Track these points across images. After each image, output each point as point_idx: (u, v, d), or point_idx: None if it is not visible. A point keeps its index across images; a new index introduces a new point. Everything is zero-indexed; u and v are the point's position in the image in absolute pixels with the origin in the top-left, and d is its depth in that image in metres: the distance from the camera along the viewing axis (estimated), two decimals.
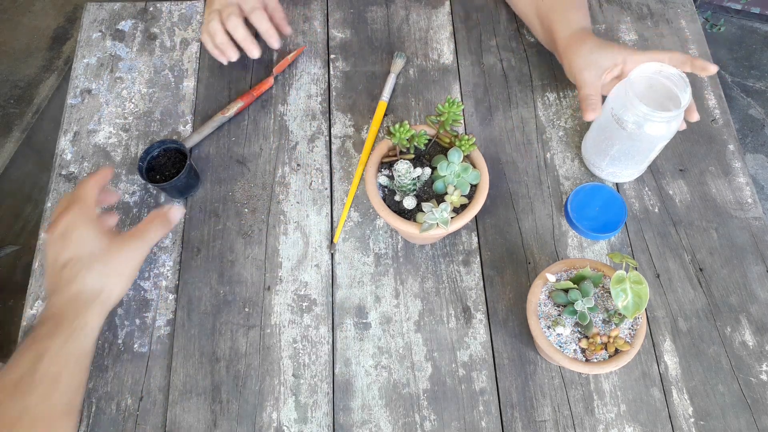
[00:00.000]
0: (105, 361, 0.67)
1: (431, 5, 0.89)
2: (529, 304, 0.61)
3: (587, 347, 0.59)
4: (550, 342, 0.59)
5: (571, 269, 0.63)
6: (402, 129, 0.62)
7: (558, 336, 0.60)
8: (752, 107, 1.80)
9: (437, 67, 0.84)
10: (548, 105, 0.81)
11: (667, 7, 0.89)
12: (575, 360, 0.59)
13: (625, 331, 0.60)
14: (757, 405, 0.65)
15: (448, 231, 0.61)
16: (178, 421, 0.64)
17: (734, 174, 0.77)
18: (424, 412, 0.65)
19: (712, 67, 0.69)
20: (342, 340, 0.68)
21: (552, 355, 0.59)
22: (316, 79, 0.84)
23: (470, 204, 0.63)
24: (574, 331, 0.60)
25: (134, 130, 0.80)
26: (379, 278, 0.71)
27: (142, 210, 0.75)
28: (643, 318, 0.60)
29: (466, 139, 0.63)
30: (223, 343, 0.68)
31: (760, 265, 0.72)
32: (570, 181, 0.76)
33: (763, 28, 1.91)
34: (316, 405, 0.65)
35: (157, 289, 0.71)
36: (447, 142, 0.65)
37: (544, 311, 0.61)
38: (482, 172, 0.64)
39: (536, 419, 0.64)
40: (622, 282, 0.57)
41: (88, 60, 0.85)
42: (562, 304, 0.61)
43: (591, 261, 0.63)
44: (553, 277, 0.61)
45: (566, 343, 0.60)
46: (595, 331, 0.59)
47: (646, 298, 0.56)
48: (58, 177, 0.77)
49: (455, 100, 0.62)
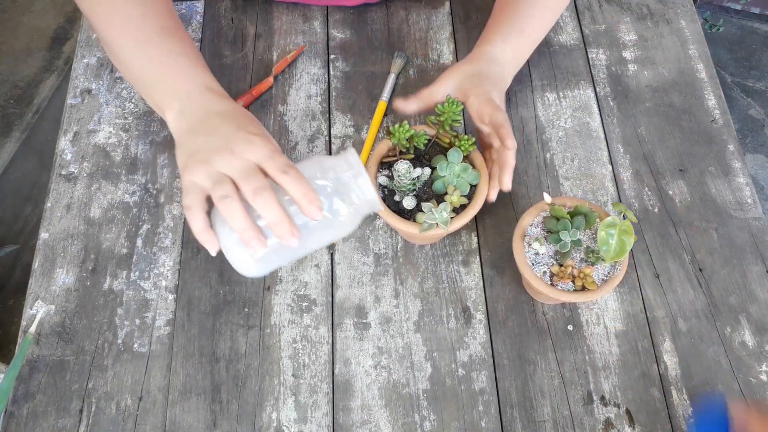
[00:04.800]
0: (105, 361, 0.67)
1: (431, 5, 0.89)
2: (521, 221, 0.64)
3: (557, 273, 0.62)
4: (525, 256, 0.63)
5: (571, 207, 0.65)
6: (401, 129, 0.62)
7: (535, 254, 0.63)
8: (752, 107, 1.80)
9: (437, 68, 0.84)
10: (548, 105, 0.81)
11: (667, 7, 0.89)
12: (539, 278, 0.62)
13: (599, 276, 0.62)
14: (756, 405, 0.65)
15: (448, 231, 0.61)
16: (178, 421, 0.64)
17: (734, 174, 0.77)
18: (424, 412, 0.65)
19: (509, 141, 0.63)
20: (342, 340, 0.68)
21: (522, 268, 0.62)
22: (316, 79, 0.84)
23: (470, 204, 0.63)
24: (550, 255, 0.63)
25: (134, 130, 0.80)
26: (378, 278, 0.71)
27: (142, 210, 0.75)
28: (621, 272, 0.62)
29: (466, 139, 0.63)
30: (222, 343, 0.68)
31: (760, 266, 0.72)
32: (570, 181, 0.76)
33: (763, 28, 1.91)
34: (316, 405, 0.65)
35: (157, 289, 0.71)
36: (447, 142, 0.65)
37: (534, 232, 0.65)
38: (482, 172, 0.64)
39: (536, 419, 0.64)
40: (612, 226, 0.59)
41: (88, 60, 0.85)
42: (551, 230, 0.63)
43: (592, 203, 0.65)
44: (549, 198, 0.63)
45: (539, 264, 0.63)
46: (569, 262, 0.62)
47: (628, 248, 0.59)
48: (58, 177, 0.77)
49: (455, 100, 0.62)
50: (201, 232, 0.52)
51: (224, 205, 0.50)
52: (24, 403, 0.65)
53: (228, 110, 0.58)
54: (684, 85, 0.83)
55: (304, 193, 0.51)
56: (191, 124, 0.57)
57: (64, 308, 0.69)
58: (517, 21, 0.73)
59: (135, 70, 0.64)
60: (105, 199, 0.75)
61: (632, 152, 0.78)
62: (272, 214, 0.50)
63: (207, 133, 0.55)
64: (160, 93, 0.61)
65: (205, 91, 0.60)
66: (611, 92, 0.82)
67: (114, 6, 0.63)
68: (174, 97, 0.60)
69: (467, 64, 0.70)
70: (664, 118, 0.81)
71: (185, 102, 0.59)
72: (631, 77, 0.83)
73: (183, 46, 0.63)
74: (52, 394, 0.66)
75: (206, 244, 0.53)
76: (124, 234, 0.73)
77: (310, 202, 0.51)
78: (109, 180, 0.77)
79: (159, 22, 0.64)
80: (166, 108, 0.60)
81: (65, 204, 0.75)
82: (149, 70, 0.62)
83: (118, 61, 0.66)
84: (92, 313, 0.69)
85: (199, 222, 0.52)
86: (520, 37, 0.73)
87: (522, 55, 0.74)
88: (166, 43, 0.63)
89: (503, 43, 0.72)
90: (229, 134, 0.54)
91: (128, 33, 0.63)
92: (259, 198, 0.50)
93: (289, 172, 0.52)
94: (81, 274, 0.71)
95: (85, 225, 0.74)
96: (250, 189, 0.51)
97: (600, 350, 0.67)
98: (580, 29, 0.87)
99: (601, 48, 0.86)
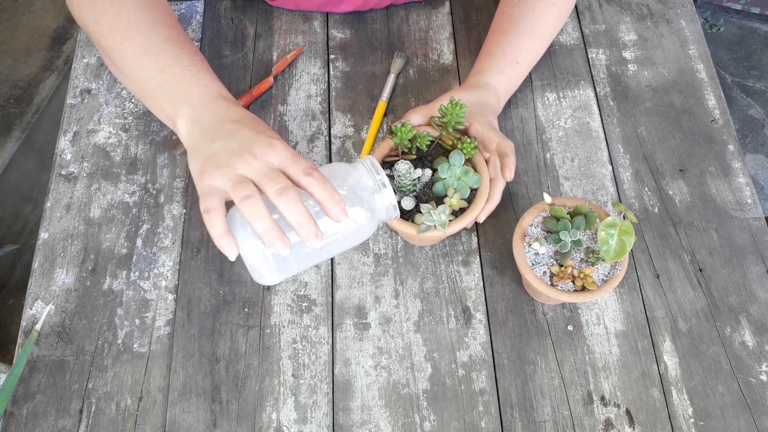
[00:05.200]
0: (105, 361, 0.67)
1: (431, 5, 0.89)
2: (521, 221, 0.64)
3: (557, 273, 0.62)
4: (525, 256, 0.63)
5: (571, 208, 0.65)
6: (404, 129, 0.61)
7: (535, 255, 0.63)
8: (752, 107, 1.80)
9: (437, 68, 0.84)
10: (548, 105, 0.81)
11: (667, 8, 0.89)
12: (539, 278, 0.62)
13: (599, 276, 0.62)
14: (756, 405, 0.65)
15: (446, 234, 0.61)
16: (178, 422, 0.64)
17: (734, 174, 0.77)
18: (424, 412, 0.65)
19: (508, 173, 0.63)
20: (341, 340, 0.68)
21: (522, 268, 0.63)
22: (315, 79, 0.83)
23: (469, 208, 0.62)
24: (550, 255, 0.63)
25: (134, 130, 0.80)
26: (378, 278, 0.71)
27: (142, 210, 0.75)
28: (621, 272, 0.62)
29: (468, 142, 0.63)
30: (222, 344, 0.68)
31: (760, 266, 0.72)
32: (570, 181, 0.76)
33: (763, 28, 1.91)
34: (316, 405, 0.65)
35: (156, 289, 0.71)
36: (450, 144, 0.65)
37: (534, 232, 0.65)
38: (483, 176, 0.64)
39: (536, 419, 0.64)
40: (612, 227, 0.59)
41: (88, 60, 0.85)
42: (551, 231, 0.63)
43: (592, 203, 0.65)
44: (549, 198, 0.63)
45: (539, 264, 0.63)
46: (569, 263, 0.62)
47: (628, 248, 0.58)
48: (58, 177, 0.77)
49: (458, 102, 0.62)
50: (221, 235, 0.50)
51: (247, 204, 0.49)
52: (24, 404, 0.65)
53: (243, 117, 0.57)
54: (684, 85, 0.83)
55: (330, 195, 0.50)
56: (206, 131, 0.56)
57: (63, 308, 0.69)
58: (512, 52, 0.75)
59: (141, 79, 0.63)
60: (105, 199, 0.75)
61: (632, 152, 0.78)
62: (297, 215, 0.49)
63: (224, 138, 0.54)
64: (170, 101, 0.60)
65: (219, 99, 0.59)
66: (611, 92, 0.82)
67: (121, 15, 0.63)
68: (186, 105, 0.58)
69: (468, 92, 0.71)
70: (664, 118, 0.81)
71: (199, 109, 0.58)
72: (631, 77, 0.83)
73: (192, 55, 0.63)
74: (52, 395, 0.66)
75: (225, 249, 0.51)
76: (124, 234, 0.73)
77: (336, 204, 0.50)
78: (109, 180, 0.77)
79: (166, 31, 0.64)
80: (177, 116, 0.59)
81: (65, 204, 0.75)
82: (158, 79, 0.61)
83: (121, 71, 0.65)
84: (92, 313, 0.69)
85: (219, 225, 0.50)
86: (515, 68, 0.75)
87: (516, 84, 0.77)
88: (176, 51, 0.62)
89: (499, 75, 0.74)
90: (249, 138, 0.53)
91: (136, 42, 0.62)
92: (283, 198, 0.49)
93: (313, 173, 0.51)
94: (81, 274, 0.71)
95: (85, 225, 0.74)
96: (273, 189, 0.49)
97: (600, 350, 0.67)
98: (580, 29, 0.87)
99: (601, 48, 0.86)
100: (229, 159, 0.52)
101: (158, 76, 0.61)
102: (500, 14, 0.78)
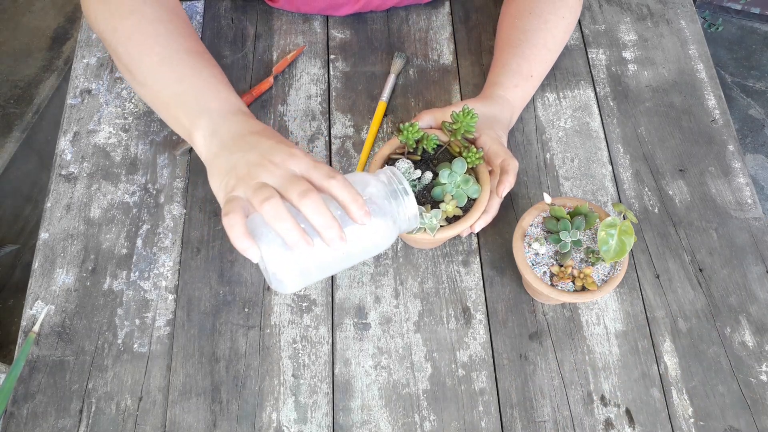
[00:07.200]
0: (105, 361, 0.67)
1: (431, 5, 0.89)
2: (521, 221, 0.64)
3: (557, 273, 0.62)
4: (525, 257, 0.63)
5: (571, 208, 0.65)
6: (411, 129, 0.61)
7: (535, 255, 0.63)
8: (752, 107, 1.80)
9: (437, 68, 0.84)
10: (548, 105, 0.81)
11: (667, 8, 0.89)
12: (539, 278, 0.62)
13: (599, 276, 0.62)
14: (756, 405, 0.65)
15: (435, 239, 0.61)
16: (178, 422, 0.64)
17: (734, 174, 0.77)
18: (424, 412, 0.65)
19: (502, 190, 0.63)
20: (342, 340, 0.68)
21: (522, 268, 0.63)
22: (315, 79, 0.84)
23: (463, 217, 0.62)
24: (550, 256, 0.63)
25: (134, 131, 0.80)
26: (378, 278, 0.71)
27: (142, 210, 0.75)
28: (621, 272, 0.62)
29: (475, 152, 0.62)
30: (222, 344, 0.68)
31: (760, 266, 0.72)
32: (570, 181, 0.76)
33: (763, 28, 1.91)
34: (316, 405, 0.65)
35: (156, 289, 0.71)
36: (457, 151, 0.65)
37: (534, 232, 0.65)
38: (484, 187, 0.63)
39: (536, 419, 0.64)
40: (612, 227, 0.59)
41: (88, 60, 0.85)
42: (551, 231, 0.63)
43: (592, 204, 0.65)
44: (549, 198, 0.63)
45: (539, 264, 0.63)
46: (569, 263, 0.62)
47: (628, 248, 0.59)
48: (58, 177, 0.77)
49: (471, 111, 0.61)
50: (241, 237, 0.48)
51: (268, 206, 0.48)
52: (24, 404, 0.65)
53: (262, 129, 0.57)
54: (684, 85, 0.83)
55: (354, 198, 0.49)
56: (225, 144, 0.55)
57: (63, 308, 0.69)
58: (527, 66, 0.75)
59: (157, 89, 0.62)
60: (105, 200, 0.75)
61: (632, 152, 0.78)
62: (322, 216, 0.48)
63: (244, 150, 0.54)
64: (187, 113, 0.59)
65: (238, 113, 0.58)
66: (611, 92, 0.82)
67: (140, 24, 0.62)
68: (205, 118, 0.58)
69: (482, 103, 0.71)
70: (664, 118, 0.81)
71: (217, 122, 0.57)
72: (631, 77, 0.83)
73: (212, 68, 0.62)
74: (52, 395, 0.66)
75: (247, 252, 0.49)
76: (124, 234, 0.73)
77: (360, 207, 0.49)
78: (109, 180, 0.77)
79: (186, 43, 0.63)
80: (194, 128, 0.58)
81: (65, 204, 0.75)
82: (176, 88, 0.60)
83: (137, 80, 0.64)
84: (92, 314, 0.69)
85: (240, 227, 0.48)
86: (529, 81, 0.75)
87: (528, 97, 0.77)
88: (195, 63, 0.62)
89: (515, 88, 0.74)
90: (269, 148, 0.53)
91: (154, 51, 0.62)
92: (306, 200, 0.48)
93: (336, 176, 0.50)
94: (81, 275, 0.71)
95: (85, 225, 0.74)
96: (296, 192, 0.49)
97: (600, 350, 0.67)
98: (580, 29, 0.87)
99: (601, 48, 0.86)
100: (249, 169, 0.51)
101: (176, 85, 0.61)
102: (511, 26, 0.78)
